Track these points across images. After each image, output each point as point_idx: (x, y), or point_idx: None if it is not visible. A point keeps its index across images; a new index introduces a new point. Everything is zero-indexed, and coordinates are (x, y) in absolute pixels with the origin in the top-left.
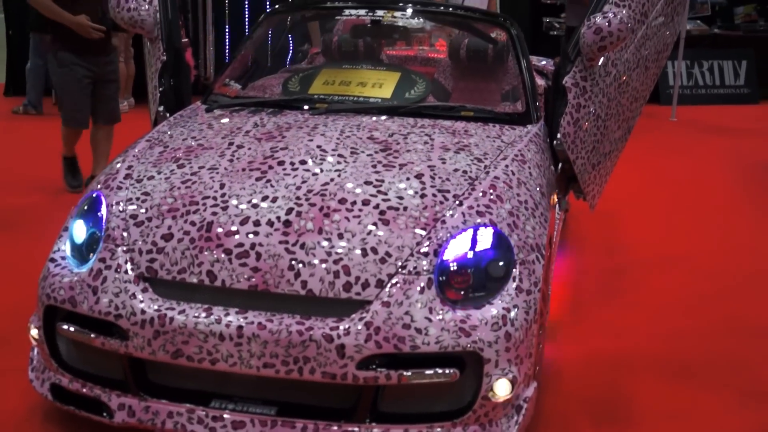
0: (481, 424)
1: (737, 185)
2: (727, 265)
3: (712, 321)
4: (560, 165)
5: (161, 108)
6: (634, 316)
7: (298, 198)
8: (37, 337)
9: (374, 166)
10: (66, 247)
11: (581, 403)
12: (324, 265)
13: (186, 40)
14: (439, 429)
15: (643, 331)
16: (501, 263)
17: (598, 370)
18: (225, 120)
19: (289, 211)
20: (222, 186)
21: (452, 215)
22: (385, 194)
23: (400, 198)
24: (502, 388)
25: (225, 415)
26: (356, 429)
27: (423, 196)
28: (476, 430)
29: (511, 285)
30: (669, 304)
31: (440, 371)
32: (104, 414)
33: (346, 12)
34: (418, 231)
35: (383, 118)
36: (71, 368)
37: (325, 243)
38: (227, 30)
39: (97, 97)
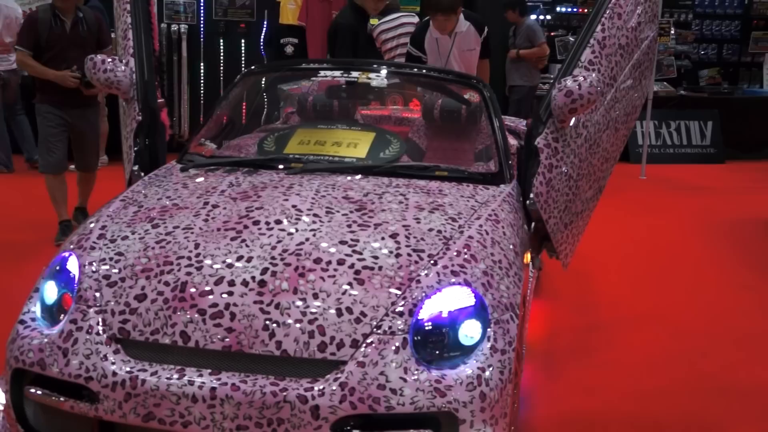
0: None
1: (704, 243)
2: (695, 323)
3: (682, 380)
4: (533, 224)
5: (136, 167)
6: (606, 375)
7: (273, 258)
8: (3, 401)
9: (349, 226)
10: (36, 309)
11: None
12: (299, 325)
13: (161, 100)
14: None
15: (614, 389)
16: (476, 323)
17: (571, 430)
18: (200, 179)
19: (264, 270)
20: (197, 246)
21: (427, 275)
22: (360, 254)
23: (375, 258)
24: None
25: None
26: None
27: (398, 255)
28: None
29: (486, 345)
30: (639, 362)
31: None
32: None
33: (322, 73)
34: (393, 290)
35: (358, 177)
36: None
37: (299, 303)
38: (202, 89)
39: (74, 146)
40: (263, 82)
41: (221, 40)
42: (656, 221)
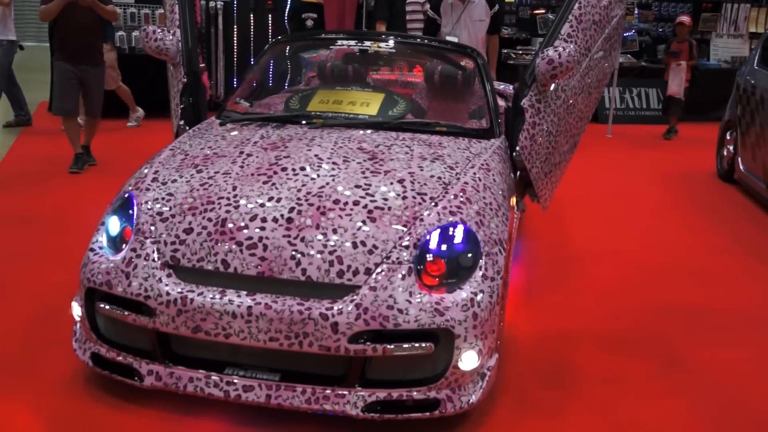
0: (452, 388)
1: (659, 190)
2: (652, 256)
3: (640, 303)
4: (518, 173)
5: (182, 122)
6: (577, 299)
7: (298, 199)
8: (79, 314)
9: (363, 173)
10: (102, 239)
11: (534, 371)
12: (320, 256)
13: (203, 65)
14: (416, 393)
15: (584, 311)
16: (470, 255)
17: (548, 344)
18: (236, 132)
19: (291, 209)
20: (234, 188)
21: (429, 214)
22: (372, 196)
23: (385, 199)
24: (469, 359)
25: (236, 380)
26: (346, 393)
27: (404, 197)
28: (448, 394)
29: (478, 273)
30: (606, 289)
31: (418, 345)
32: (135, 378)
33: (338, 43)
34: (400, 227)
35: (370, 131)
36: (108, 340)
37: (321, 237)
38: (235, 58)
39: (83, 96)
40: (288, 51)
41: (251, 15)
42: (620, 172)
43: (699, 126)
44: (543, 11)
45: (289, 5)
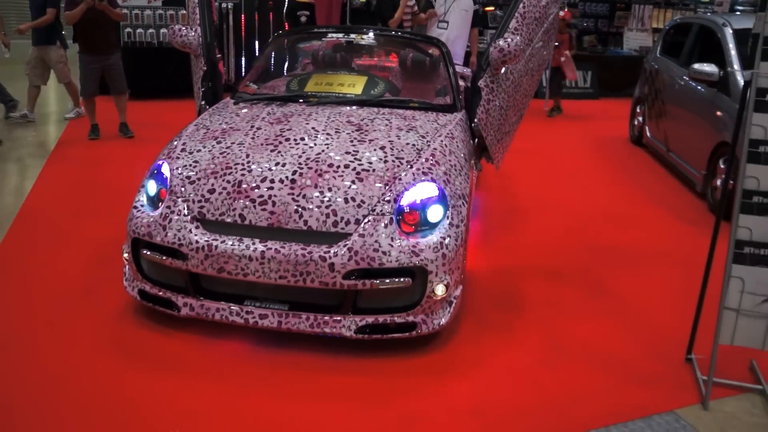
0: (426, 313)
1: (586, 152)
2: (582, 206)
3: (573, 243)
4: (476, 140)
5: (203, 102)
6: (523, 242)
7: (299, 164)
8: (127, 258)
9: (351, 142)
10: (143, 198)
11: (490, 298)
12: (319, 209)
13: (219, 55)
14: (397, 318)
15: (529, 251)
16: (439, 207)
17: (500, 277)
18: (247, 110)
19: (294, 172)
20: (247, 156)
21: (405, 174)
22: (360, 161)
23: (370, 163)
24: (440, 290)
25: (254, 310)
26: (341, 318)
27: (386, 161)
28: (423, 318)
29: (446, 222)
30: (545, 233)
31: (398, 280)
32: (174, 309)
33: (329, 35)
34: (383, 185)
35: (356, 108)
36: (151, 279)
37: (318, 194)
38: (243, 47)
39: (107, 79)
40: (287, 43)
41: (256, 13)
42: (555, 139)
43: (614, 101)
44: (493, 8)
45: (286, 4)
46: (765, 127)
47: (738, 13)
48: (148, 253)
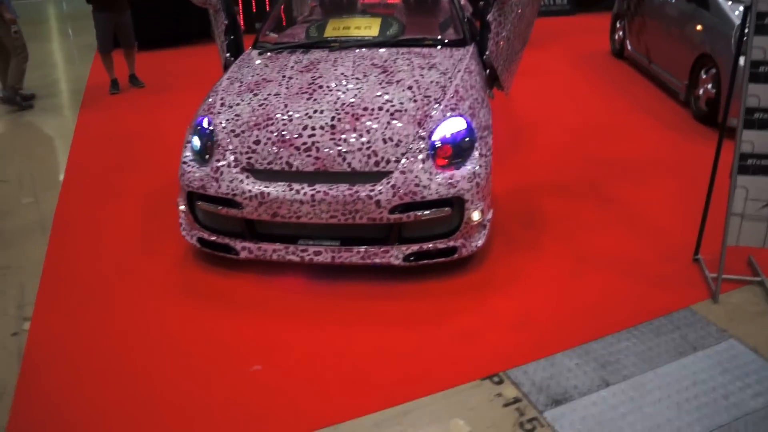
0: (465, 238)
1: (573, 67)
2: (577, 120)
3: (576, 157)
4: (488, 71)
5: (228, 54)
6: (532, 159)
7: (336, 109)
8: (184, 209)
9: (380, 84)
10: (189, 153)
11: (513, 216)
12: (360, 152)
13: (237, 7)
14: (439, 244)
15: (539, 168)
16: (468, 139)
17: (518, 196)
18: (274, 60)
19: (332, 118)
20: (285, 106)
21: (435, 112)
22: (392, 102)
23: (401, 103)
24: (476, 216)
25: (308, 248)
26: (389, 249)
27: (415, 101)
28: (462, 242)
29: (476, 153)
30: (550, 149)
31: (439, 210)
32: (233, 253)
33: None
34: (416, 124)
35: (376, 49)
36: (207, 227)
37: (358, 137)
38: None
39: (118, 34)
40: None
41: None
42: (542, 56)
43: (590, 16)
44: None
45: None
46: (765, 49)
47: None
48: (204, 204)
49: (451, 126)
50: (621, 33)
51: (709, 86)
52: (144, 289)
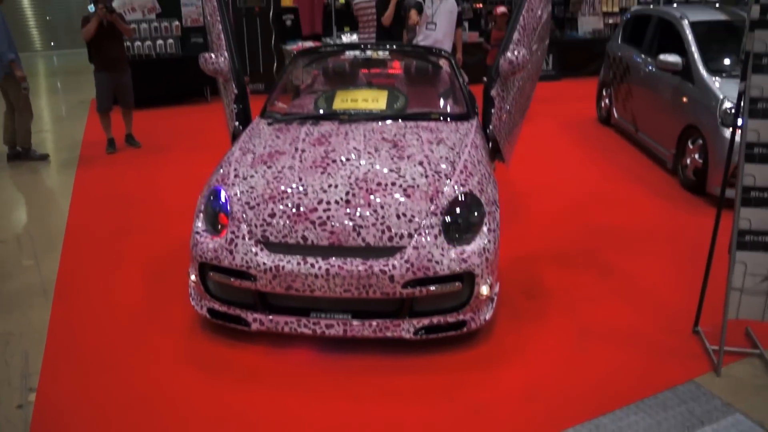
0: (474, 311)
1: (562, 134)
2: (571, 188)
3: (573, 226)
4: (490, 143)
5: (237, 123)
6: (531, 228)
7: (350, 184)
8: (195, 280)
9: (392, 158)
10: (201, 224)
11: (516, 287)
12: (374, 227)
13: (247, 78)
14: (449, 317)
15: (538, 237)
16: (477, 215)
17: (521, 265)
18: (284, 131)
19: (347, 193)
20: (300, 179)
21: (446, 188)
22: (404, 177)
23: (413, 179)
24: (485, 290)
25: (320, 321)
26: (401, 322)
27: (426, 176)
28: (471, 316)
29: (485, 228)
30: (547, 217)
31: (450, 284)
32: (244, 324)
33: (347, 53)
34: (428, 200)
35: (385, 122)
36: (218, 298)
37: (373, 212)
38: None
39: (118, 95)
40: (307, 61)
41: (243, 20)
42: (530, 122)
43: (575, 81)
44: (480, 4)
45: (272, 11)
46: (758, 131)
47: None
48: (217, 275)
49: (462, 202)
50: (607, 101)
51: (696, 156)
52: (151, 358)
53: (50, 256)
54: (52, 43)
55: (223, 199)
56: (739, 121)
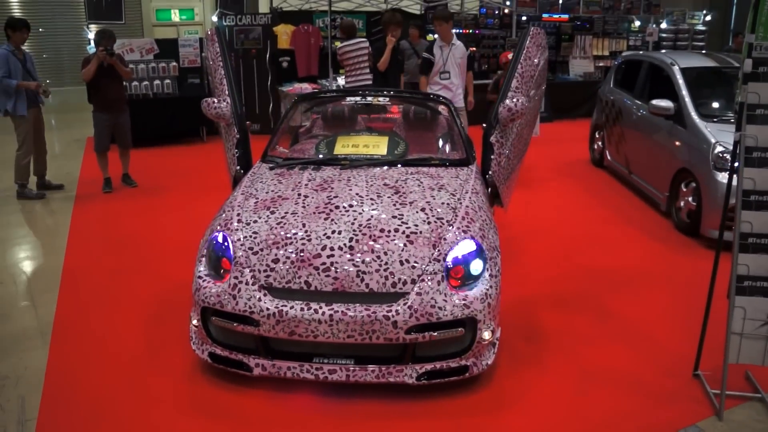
0: (476, 357)
1: (555, 175)
2: (565, 230)
3: (569, 268)
4: (489, 189)
5: (238, 167)
6: (528, 270)
7: (354, 230)
8: (197, 324)
9: (394, 205)
10: (203, 268)
11: (516, 331)
12: (378, 273)
13: (249, 123)
14: (452, 363)
15: (535, 279)
16: (479, 261)
17: (519, 309)
18: (286, 176)
19: (351, 239)
20: (303, 225)
21: (448, 234)
22: (407, 224)
23: (416, 225)
24: (487, 335)
25: (323, 366)
26: (404, 368)
27: (429, 223)
28: (473, 361)
29: (486, 274)
30: (543, 259)
31: (453, 330)
32: (246, 369)
33: (348, 98)
34: (431, 246)
35: (386, 168)
36: (220, 342)
37: (376, 258)
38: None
39: (116, 135)
40: (307, 106)
41: (240, 62)
42: (525, 164)
43: (567, 123)
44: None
45: (268, 52)
46: (754, 180)
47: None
48: (219, 321)
49: (464, 248)
50: (600, 143)
51: (690, 198)
52: (151, 404)
53: (47, 297)
54: (48, 81)
55: (226, 244)
56: (736, 166)
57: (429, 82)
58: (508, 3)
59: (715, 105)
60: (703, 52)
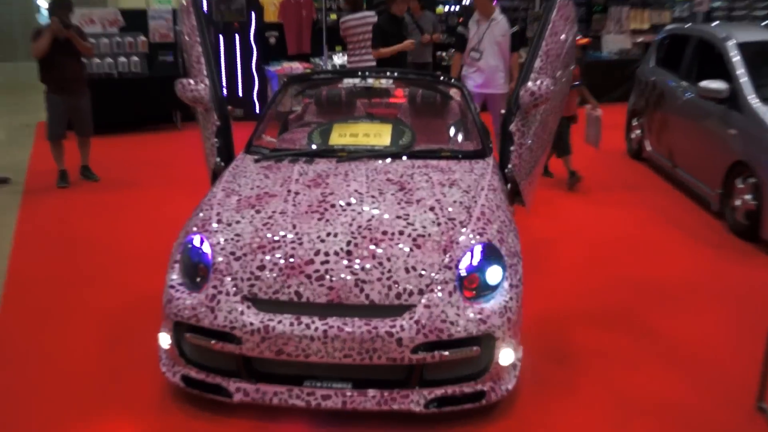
0: (494, 380)
1: (586, 170)
2: (598, 234)
3: (603, 279)
4: (509, 185)
5: (218, 159)
6: (556, 280)
7: (352, 233)
8: (168, 343)
9: (399, 203)
10: (178, 277)
11: (542, 351)
12: (380, 282)
13: (231, 107)
14: (466, 387)
15: (564, 292)
16: (497, 268)
17: (546, 326)
18: (274, 169)
19: (348, 243)
20: (294, 226)
21: (461, 238)
22: (413, 225)
23: (424, 227)
24: (506, 355)
25: (315, 391)
26: (410, 393)
27: (439, 224)
28: (491, 385)
29: (506, 283)
30: (573, 268)
31: (467, 349)
32: (225, 395)
33: (345, 80)
34: (441, 252)
35: (389, 161)
36: (195, 363)
37: (378, 265)
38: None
39: (74, 120)
40: (299, 88)
41: (221, 36)
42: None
43: (602, 108)
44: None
45: (253, 26)
46: None
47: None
48: (194, 337)
49: (479, 253)
50: (639, 132)
51: (748, 197)
52: None
53: None
54: None
55: (203, 249)
56: None
57: (463, 61)
58: None
59: None
60: (765, 23)
